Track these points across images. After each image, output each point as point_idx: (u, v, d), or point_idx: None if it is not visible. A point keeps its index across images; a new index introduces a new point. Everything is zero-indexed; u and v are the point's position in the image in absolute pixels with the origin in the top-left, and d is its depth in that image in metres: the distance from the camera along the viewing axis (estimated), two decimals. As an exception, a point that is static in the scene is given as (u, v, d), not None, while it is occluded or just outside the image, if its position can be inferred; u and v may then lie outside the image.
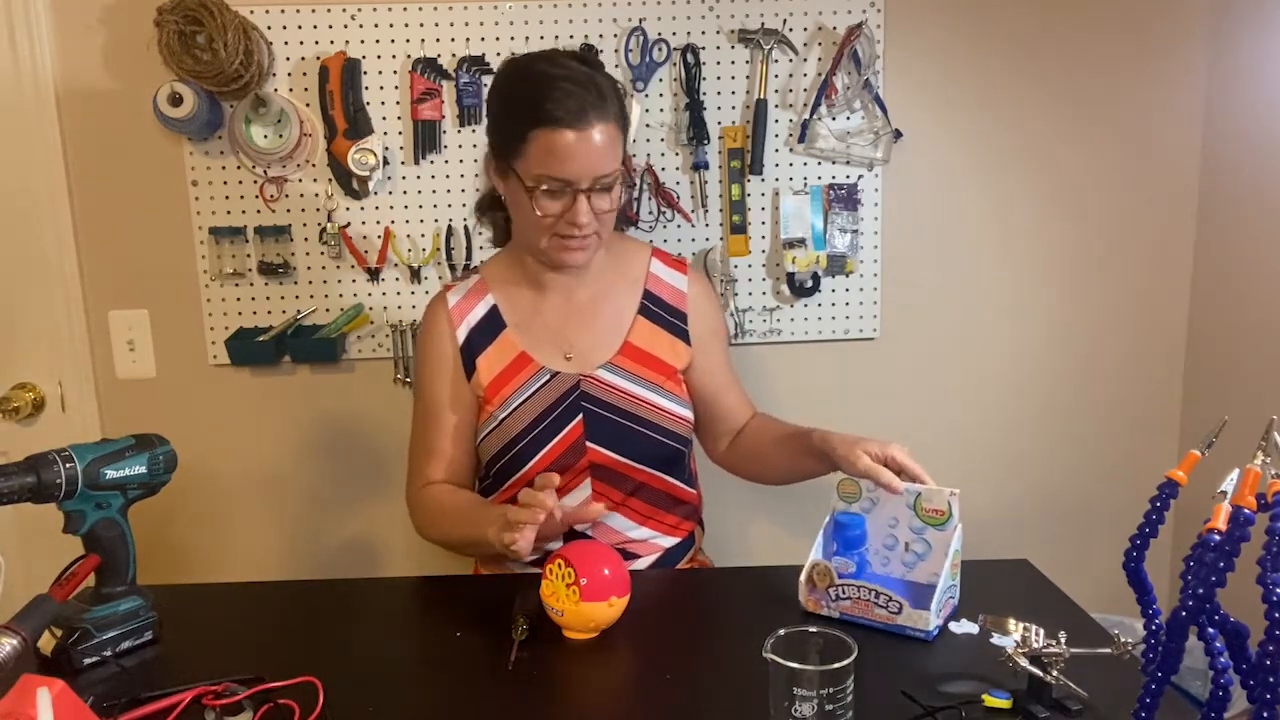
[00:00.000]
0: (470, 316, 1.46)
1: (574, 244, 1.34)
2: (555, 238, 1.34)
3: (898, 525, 1.23)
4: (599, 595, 1.14)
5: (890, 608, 1.13)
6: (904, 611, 1.13)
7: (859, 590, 1.15)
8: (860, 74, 1.83)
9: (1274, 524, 0.71)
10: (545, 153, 1.27)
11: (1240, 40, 1.84)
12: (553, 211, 1.32)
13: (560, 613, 1.14)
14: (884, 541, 1.25)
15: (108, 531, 1.13)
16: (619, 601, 1.16)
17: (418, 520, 1.47)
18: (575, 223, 1.31)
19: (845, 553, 1.23)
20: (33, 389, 1.87)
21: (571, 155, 1.27)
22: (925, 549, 1.22)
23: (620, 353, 1.45)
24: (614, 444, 1.42)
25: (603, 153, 1.28)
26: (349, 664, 1.10)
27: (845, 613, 1.17)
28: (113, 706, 0.99)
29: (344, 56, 1.80)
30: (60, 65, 1.79)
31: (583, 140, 1.27)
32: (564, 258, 1.37)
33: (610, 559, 1.18)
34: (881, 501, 1.25)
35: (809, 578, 1.19)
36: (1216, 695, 0.78)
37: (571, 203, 1.30)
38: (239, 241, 1.85)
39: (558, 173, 1.28)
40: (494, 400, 1.43)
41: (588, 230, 1.32)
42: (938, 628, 1.14)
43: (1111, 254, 1.98)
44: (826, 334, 1.97)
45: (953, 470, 2.02)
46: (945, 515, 1.20)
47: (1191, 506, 0.95)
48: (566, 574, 1.14)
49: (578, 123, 1.26)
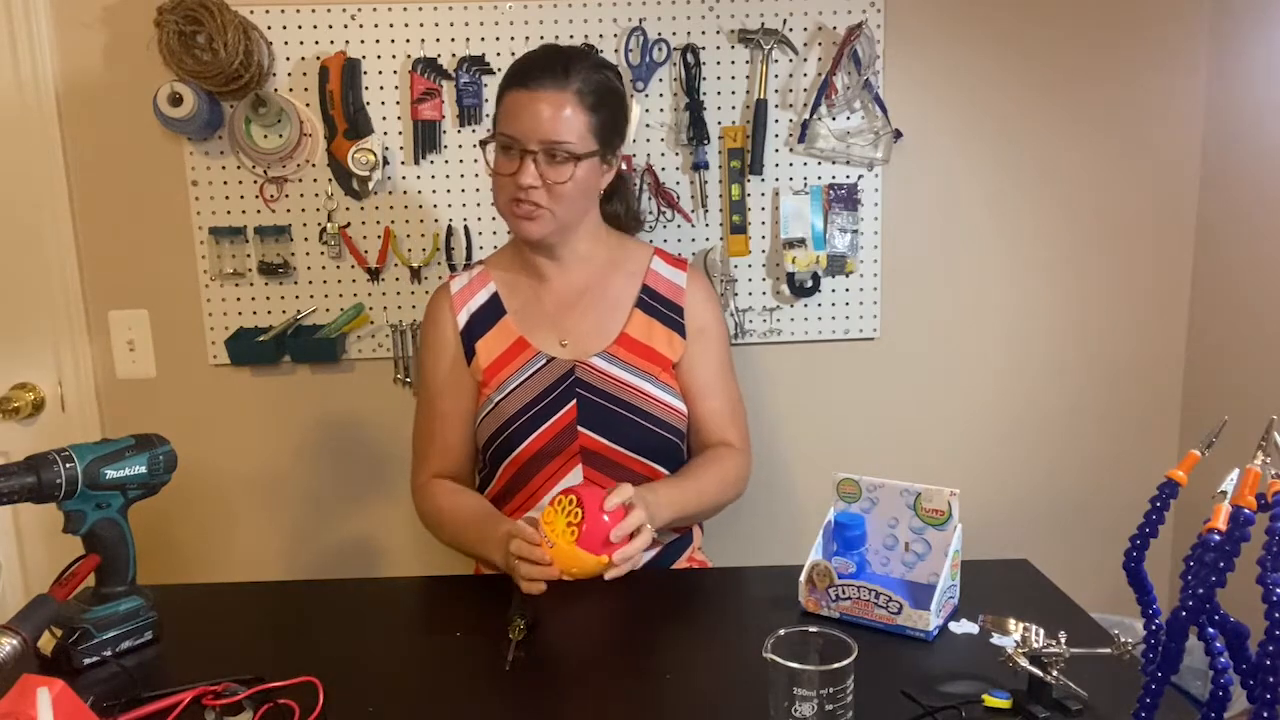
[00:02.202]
0: (472, 303, 1.50)
1: (522, 209, 1.40)
2: (509, 202, 1.41)
3: (898, 525, 1.23)
4: (594, 546, 1.17)
5: (890, 608, 1.13)
6: (904, 611, 1.12)
7: (859, 590, 1.15)
8: (860, 74, 1.83)
9: (1274, 524, 0.71)
10: (505, 111, 1.40)
11: (1241, 41, 1.84)
12: (505, 170, 1.40)
13: (551, 543, 1.17)
14: (884, 541, 1.25)
15: (108, 531, 1.13)
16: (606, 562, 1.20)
17: (422, 514, 1.51)
18: (520, 183, 1.37)
19: (845, 553, 1.24)
20: (33, 389, 1.87)
21: (520, 114, 1.37)
22: (925, 549, 1.22)
23: (616, 342, 1.48)
24: (606, 430, 1.44)
25: (553, 120, 1.36)
26: (349, 664, 1.10)
27: (845, 613, 1.17)
28: (113, 706, 0.99)
29: (344, 56, 1.80)
30: (60, 65, 1.79)
31: (532, 100, 1.36)
32: (517, 225, 1.43)
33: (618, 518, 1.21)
34: (881, 501, 1.25)
35: (809, 578, 1.19)
36: (1216, 695, 0.78)
37: (520, 163, 1.38)
38: (239, 241, 1.85)
39: (508, 129, 1.38)
40: (491, 383, 1.47)
41: (535, 196, 1.38)
42: (938, 628, 1.14)
43: (1111, 254, 1.98)
44: (826, 334, 1.97)
45: (953, 470, 2.04)
46: (945, 515, 1.20)
47: (1191, 506, 0.95)
48: (573, 513, 1.14)
49: (531, 84, 1.37)
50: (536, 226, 1.41)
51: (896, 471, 2.00)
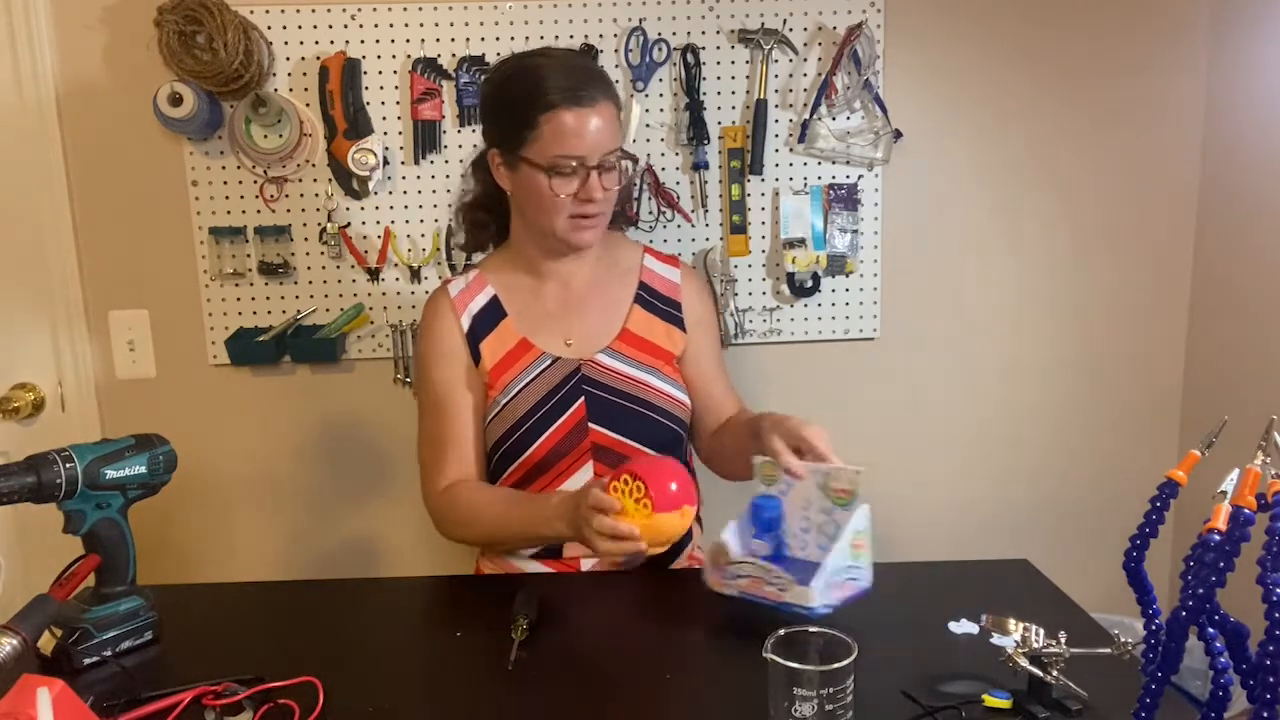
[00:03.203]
0: (472, 305, 1.50)
1: (587, 223, 1.40)
2: (570, 219, 1.40)
3: (810, 507, 1.22)
4: (671, 505, 1.15)
5: (779, 584, 1.11)
6: (790, 589, 1.10)
7: (753, 568, 1.14)
8: (860, 74, 1.83)
9: (1274, 524, 0.71)
10: (557, 133, 1.34)
11: (1240, 40, 1.84)
12: (568, 191, 1.37)
13: (634, 529, 1.15)
14: (800, 525, 1.23)
15: (108, 531, 1.13)
16: (690, 510, 1.18)
17: (446, 522, 1.46)
18: (591, 198, 1.37)
19: (762, 535, 1.23)
20: (33, 389, 1.87)
21: (582, 132, 1.34)
22: (835, 530, 1.18)
23: (619, 339, 1.49)
24: (616, 425, 1.45)
25: (608, 129, 1.37)
26: (349, 664, 1.10)
27: (744, 591, 1.16)
28: (113, 706, 0.99)
29: (344, 56, 1.80)
30: (60, 65, 1.79)
31: (590, 117, 1.35)
32: (577, 237, 1.42)
33: (675, 470, 1.19)
34: (796, 484, 1.23)
35: (711, 557, 1.19)
36: (1216, 695, 0.78)
37: (585, 179, 1.37)
38: (239, 241, 1.85)
39: (572, 150, 1.35)
40: (496, 386, 1.46)
41: (602, 206, 1.39)
42: (828, 608, 1.10)
43: (1111, 254, 1.98)
44: (826, 334, 1.97)
45: (952, 470, 2.04)
46: (852, 495, 1.17)
47: (1191, 506, 0.95)
48: (635, 488, 1.14)
49: (585, 101, 1.34)
50: (597, 234, 1.44)
51: (897, 471, 2.02)
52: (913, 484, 2.04)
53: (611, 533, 1.18)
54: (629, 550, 1.18)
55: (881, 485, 2.01)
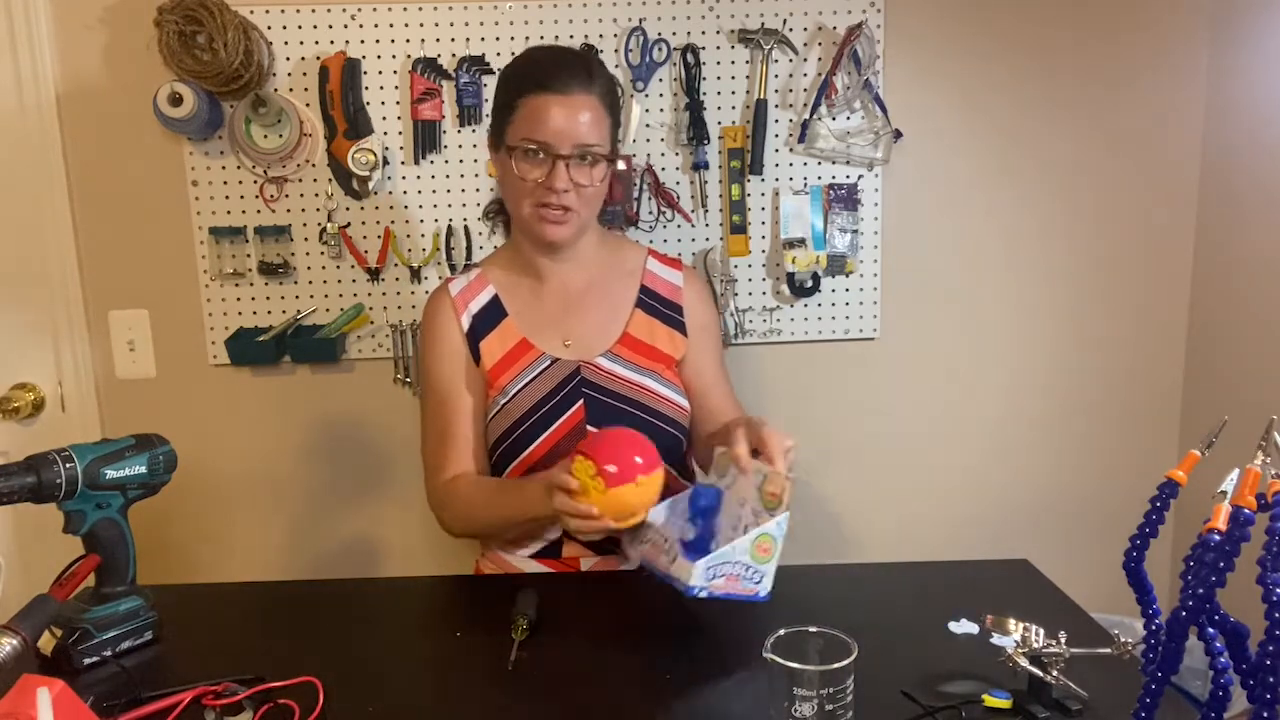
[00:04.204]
0: (473, 304, 1.50)
1: (552, 214, 1.39)
2: (536, 207, 1.40)
3: (744, 505, 1.21)
4: (623, 479, 1.13)
5: (669, 555, 1.12)
6: (676, 562, 1.10)
7: (654, 533, 1.15)
8: (860, 74, 1.83)
9: (1274, 524, 0.71)
10: (530, 116, 1.36)
11: (1241, 40, 1.84)
12: (533, 175, 1.38)
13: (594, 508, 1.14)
14: (732, 521, 1.22)
15: (108, 531, 1.13)
16: (648, 480, 1.15)
17: (449, 515, 1.46)
18: (552, 187, 1.36)
19: (694, 520, 1.23)
20: (33, 389, 1.87)
21: (553, 118, 1.35)
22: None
23: (619, 342, 1.49)
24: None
25: (585, 124, 1.36)
26: (349, 664, 1.10)
27: (644, 557, 1.17)
28: (113, 706, 0.99)
29: (344, 56, 1.80)
30: (60, 66, 1.79)
31: (565, 105, 1.35)
32: (543, 230, 1.41)
33: (630, 440, 1.17)
34: (739, 480, 1.22)
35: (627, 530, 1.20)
36: (1216, 695, 0.78)
37: (551, 168, 1.36)
38: (239, 241, 1.85)
39: (539, 135, 1.35)
40: (496, 385, 1.46)
41: (566, 200, 1.38)
42: (704, 591, 1.08)
43: (1111, 254, 1.98)
44: (826, 334, 1.97)
45: (952, 470, 2.04)
46: (779, 500, 1.16)
47: (1191, 506, 0.95)
48: (587, 467, 1.13)
49: (562, 89, 1.35)
50: (565, 230, 1.42)
51: (896, 471, 2.02)
52: (912, 484, 2.04)
53: (572, 513, 1.18)
54: (595, 529, 1.18)
55: (881, 485, 2.04)
